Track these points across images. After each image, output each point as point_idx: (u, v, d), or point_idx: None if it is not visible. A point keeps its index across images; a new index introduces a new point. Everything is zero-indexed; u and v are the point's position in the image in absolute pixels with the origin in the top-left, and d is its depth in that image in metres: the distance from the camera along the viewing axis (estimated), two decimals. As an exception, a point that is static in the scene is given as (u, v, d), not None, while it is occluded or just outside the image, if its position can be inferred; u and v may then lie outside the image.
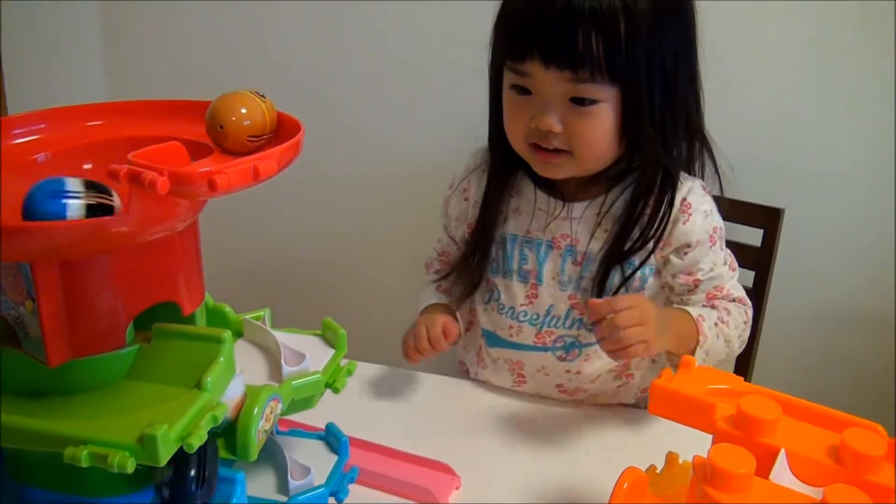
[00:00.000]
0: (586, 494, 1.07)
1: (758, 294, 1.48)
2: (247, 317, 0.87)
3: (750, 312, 1.30)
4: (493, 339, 1.34)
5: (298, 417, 0.97)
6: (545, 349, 1.29)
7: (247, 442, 0.71)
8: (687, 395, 0.85)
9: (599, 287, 1.23)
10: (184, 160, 0.67)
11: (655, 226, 1.21)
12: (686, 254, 1.23)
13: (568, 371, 1.28)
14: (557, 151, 1.17)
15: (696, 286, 1.25)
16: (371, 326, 1.94)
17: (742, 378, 0.92)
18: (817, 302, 1.75)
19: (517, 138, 1.21)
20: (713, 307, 1.25)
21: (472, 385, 1.35)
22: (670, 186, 1.21)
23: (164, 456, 0.59)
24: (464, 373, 1.43)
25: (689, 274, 1.24)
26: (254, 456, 0.71)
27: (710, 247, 1.24)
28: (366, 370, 1.34)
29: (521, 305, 1.29)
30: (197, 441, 0.61)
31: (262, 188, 1.85)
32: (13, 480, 0.74)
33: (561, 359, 1.28)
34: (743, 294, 1.29)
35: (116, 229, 0.63)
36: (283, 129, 0.74)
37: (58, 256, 0.63)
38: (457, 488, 1.09)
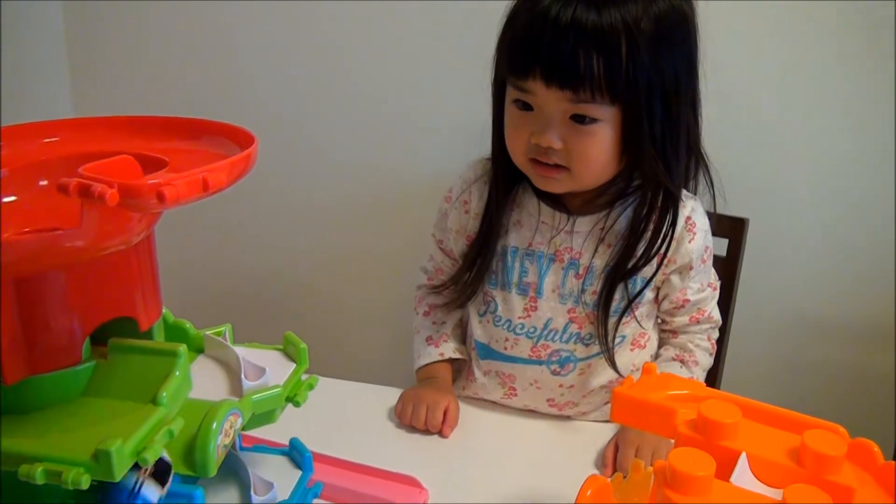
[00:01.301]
0: (557, 506, 1.08)
1: (723, 304, 1.49)
2: (208, 332, 0.86)
3: (716, 335, 1.34)
4: (486, 352, 1.34)
5: (262, 433, 0.97)
6: (539, 363, 1.29)
7: (205, 458, 0.70)
8: (648, 401, 0.85)
9: (605, 306, 1.24)
10: (135, 173, 0.67)
11: (659, 243, 1.22)
12: (687, 273, 1.26)
13: (560, 385, 1.29)
14: (556, 167, 1.19)
15: (683, 306, 1.28)
16: (337, 344, 1.94)
17: (703, 384, 0.93)
18: (782, 312, 1.76)
19: (517, 152, 1.22)
20: (683, 362, 1.29)
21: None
22: (672, 204, 1.22)
23: (119, 471, 0.58)
24: None
25: (682, 292, 1.27)
26: (213, 472, 0.70)
27: (702, 266, 1.27)
28: (330, 385, 1.33)
29: (519, 318, 1.29)
30: (152, 456, 0.60)
31: (224, 206, 1.85)
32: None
33: (555, 373, 1.29)
34: (718, 315, 1.33)
35: (70, 244, 0.63)
36: (237, 141, 0.74)
37: (12, 273, 0.63)
38: (424, 502, 1.09)
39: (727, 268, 1.49)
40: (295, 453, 0.92)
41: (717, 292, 1.33)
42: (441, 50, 1.75)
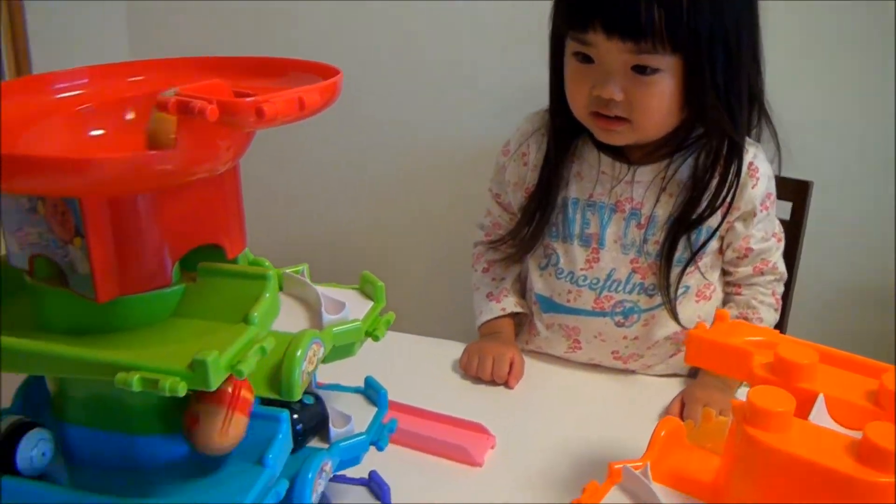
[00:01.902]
0: (622, 455, 1.07)
1: (787, 267, 1.47)
2: (287, 270, 0.87)
3: (781, 289, 1.32)
4: (548, 305, 1.34)
5: (338, 378, 0.99)
6: (603, 314, 1.29)
7: (291, 383, 0.71)
8: (724, 344, 0.85)
9: (667, 259, 1.24)
10: (229, 96, 0.68)
11: (724, 193, 1.21)
12: (750, 220, 1.24)
13: (625, 337, 1.29)
14: (618, 119, 1.18)
15: (747, 255, 1.27)
16: (396, 306, 1.95)
17: (777, 332, 0.93)
18: (845, 277, 1.74)
19: (579, 106, 1.22)
20: (746, 319, 1.27)
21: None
22: (737, 154, 1.21)
23: (215, 381, 0.59)
24: None
25: (745, 240, 1.25)
26: (297, 395, 0.72)
27: (766, 214, 1.25)
28: (396, 339, 1.35)
29: (581, 270, 1.29)
30: (247, 368, 0.61)
31: (277, 178, 1.84)
32: (56, 419, 0.75)
33: (619, 324, 1.29)
34: (784, 268, 1.31)
35: (161, 166, 0.64)
36: (321, 75, 0.75)
37: (105, 192, 0.64)
38: (492, 447, 1.10)
39: (791, 231, 1.47)
40: (370, 391, 0.93)
41: (782, 244, 1.31)
42: (487, 10, 1.75)
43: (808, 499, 0.69)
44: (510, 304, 1.39)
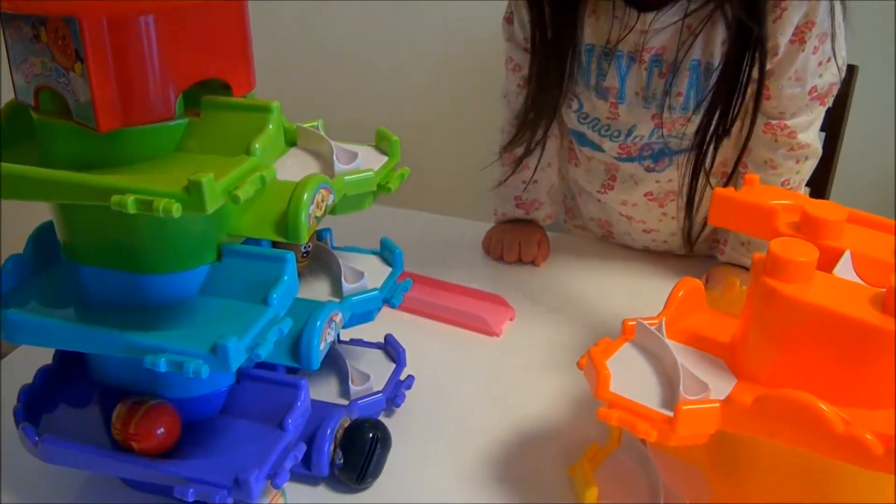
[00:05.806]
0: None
1: (827, 156, 1.41)
2: (301, 125, 0.85)
3: (808, 164, 1.16)
4: (582, 140, 1.25)
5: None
6: (631, 159, 1.21)
7: (298, 224, 0.69)
8: (749, 202, 0.82)
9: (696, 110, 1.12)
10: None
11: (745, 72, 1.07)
12: (773, 58, 1.08)
13: (658, 182, 1.22)
14: None
15: (767, 99, 1.11)
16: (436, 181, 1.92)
17: (807, 195, 0.90)
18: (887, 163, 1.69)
19: None
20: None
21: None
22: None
23: (211, 205, 0.58)
24: None
25: (767, 88, 1.10)
26: (304, 238, 0.70)
27: (795, 50, 1.07)
28: (424, 218, 1.34)
29: (607, 119, 1.19)
30: (244, 194, 0.60)
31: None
32: (67, 259, 0.74)
33: (649, 169, 1.21)
34: (811, 140, 1.13)
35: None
36: None
37: (102, 8, 0.62)
38: (510, 319, 1.09)
39: (834, 117, 1.42)
40: (386, 252, 0.92)
41: (823, 108, 1.13)
42: None
43: (829, 352, 0.67)
44: (541, 216, 1.32)
